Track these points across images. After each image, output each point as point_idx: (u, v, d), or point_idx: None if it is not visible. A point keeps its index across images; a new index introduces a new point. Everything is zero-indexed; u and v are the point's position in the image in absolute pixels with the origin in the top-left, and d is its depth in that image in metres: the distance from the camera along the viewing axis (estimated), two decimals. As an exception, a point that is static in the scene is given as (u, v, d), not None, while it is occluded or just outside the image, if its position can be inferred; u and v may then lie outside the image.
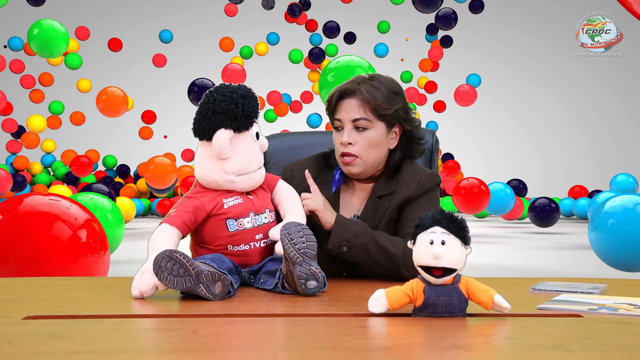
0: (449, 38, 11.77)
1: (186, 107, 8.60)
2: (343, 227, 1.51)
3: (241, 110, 1.41)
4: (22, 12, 9.62)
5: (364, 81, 1.65)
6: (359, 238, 1.50)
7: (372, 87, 1.62)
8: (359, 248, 1.50)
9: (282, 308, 1.20)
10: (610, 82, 13.71)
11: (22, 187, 10.14)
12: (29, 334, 0.95)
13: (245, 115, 1.42)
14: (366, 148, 1.61)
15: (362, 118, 1.61)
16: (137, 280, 1.27)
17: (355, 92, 1.62)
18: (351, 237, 1.50)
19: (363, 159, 1.62)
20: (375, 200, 1.65)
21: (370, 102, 1.61)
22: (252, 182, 1.47)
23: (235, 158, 1.42)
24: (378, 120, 1.62)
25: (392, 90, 1.65)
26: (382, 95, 1.62)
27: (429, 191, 1.65)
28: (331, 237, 1.50)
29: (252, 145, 1.44)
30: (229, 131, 1.41)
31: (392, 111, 1.63)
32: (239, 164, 1.43)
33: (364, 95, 1.61)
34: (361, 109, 1.61)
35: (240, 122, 1.41)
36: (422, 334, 0.98)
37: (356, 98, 1.62)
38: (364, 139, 1.61)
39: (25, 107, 11.50)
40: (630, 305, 1.14)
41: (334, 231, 1.50)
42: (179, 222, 1.39)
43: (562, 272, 4.87)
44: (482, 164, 12.67)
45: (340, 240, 1.50)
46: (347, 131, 1.62)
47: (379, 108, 1.61)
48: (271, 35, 12.14)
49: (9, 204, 2.94)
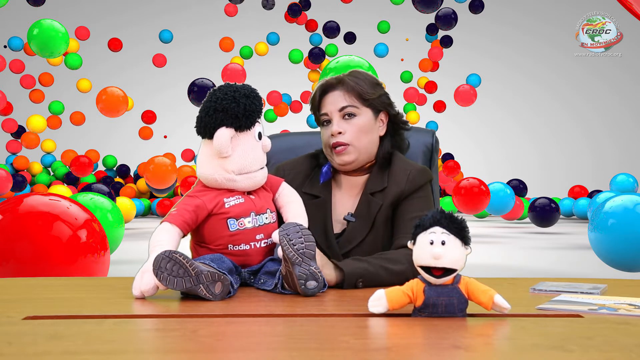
0: (449, 38, 11.78)
1: (186, 107, 8.62)
2: (353, 269, 1.43)
3: (243, 109, 1.41)
4: (22, 12, 9.63)
5: (344, 76, 1.69)
6: (369, 271, 1.44)
7: (354, 77, 1.67)
8: (372, 277, 1.43)
9: (282, 308, 1.20)
10: (610, 82, 13.71)
11: (22, 187, 10.14)
12: (29, 334, 0.95)
13: (247, 115, 1.41)
14: (357, 134, 1.63)
15: (348, 105, 1.64)
16: (138, 280, 1.27)
17: (338, 84, 1.66)
18: (364, 272, 1.43)
19: (355, 145, 1.63)
20: (368, 197, 1.64)
21: (355, 89, 1.64)
22: (253, 182, 1.46)
23: (236, 157, 1.42)
24: (364, 107, 1.65)
25: (373, 81, 1.70)
26: (365, 83, 1.67)
27: (420, 188, 1.64)
28: (346, 281, 1.41)
29: (253, 144, 1.44)
30: (230, 130, 1.41)
31: (377, 96, 1.66)
32: (239, 163, 1.43)
33: (347, 85, 1.65)
34: (347, 97, 1.64)
35: (242, 121, 1.41)
36: (422, 334, 0.98)
37: (340, 89, 1.66)
38: (353, 125, 1.63)
39: (25, 107, 11.51)
40: (631, 306, 1.14)
41: (347, 275, 1.41)
42: (180, 221, 1.39)
43: (562, 272, 4.87)
44: (482, 164, 12.68)
45: (355, 281, 1.42)
46: (336, 121, 1.64)
47: (363, 93, 1.64)
48: (271, 35, 12.14)
49: (9, 204, 2.94)
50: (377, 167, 1.68)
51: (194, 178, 9.68)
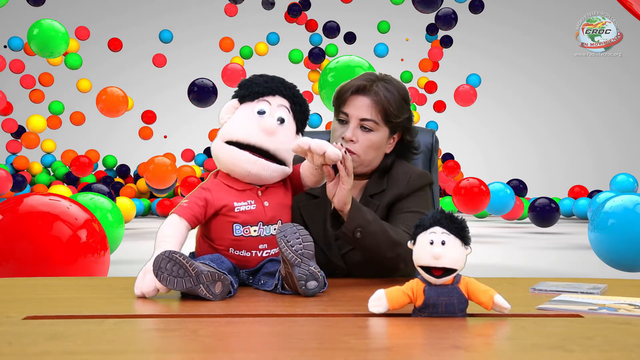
0: (449, 38, 11.77)
1: (186, 107, 8.62)
2: (358, 212, 1.44)
3: (252, 83, 1.45)
4: (22, 12, 9.63)
5: (378, 80, 1.64)
6: (372, 225, 1.44)
7: (387, 90, 1.62)
8: (370, 235, 1.44)
9: (282, 308, 1.20)
10: (610, 82, 13.71)
11: (22, 187, 10.13)
12: (29, 334, 0.95)
13: (251, 87, 1.44)
14: (366, 148, 1.61)
15: (371, 120, 1.60)
16: (140, 280, 1.28)
17: (370, 91, 1.61)
18: (365, 223, 1.44)
19: (361, 157, 1.62)
20: (366, 198, 1.64)
21: (384, 106, 1.60)
22: (269, 172, 1.40)
23: (229, 122, 1.44)
24: (384, 125, 1.62)
25: (403, 96, 1.65)
26: (395, 101, 1.62)
27: (419, 190, 1.64)
28: (347, 221, 1.43)
29: (249, 115, 1.43)
30: (234, 100, 1.46)
31: (400, 119, 1.63)
32: (226, 128, 1.43)
33: (378, 97, 1.60)
34: (372, 110, 1.60)
35: (244, 91, 1.44)
36: (422, 334, 0.98)
37: (370, 98, 1.61)
38: (366, 139, 1.61)
39: (25, 107, 11.51)
40: (631, 306, 1.14)
41: (350, 216, 1.43)
42: (189, 214, 1.38)
43: (562, 272, 4.87)
44: (482, 164, 12.68)
45: (355, 226, 1.43)
46: (352, 128, 1.61)
47: (390, 114, 1.61)
48: (271, 35, 12.14)
49: (9, 204, 2.94)
50: (377, 173, 1.68)
51: (194, 178, 9.67)
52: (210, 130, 11.95)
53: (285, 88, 1.45)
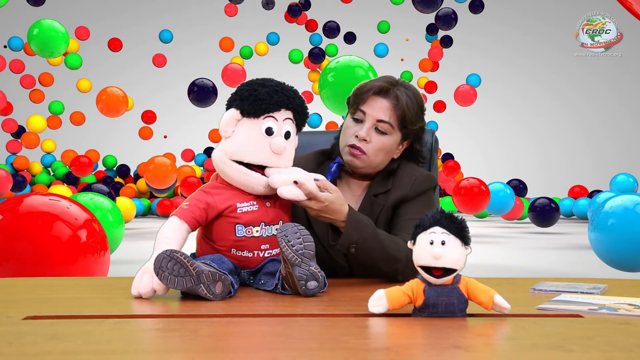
0: (449, 38, 11.78)
1: (186, 107, 8.63)
2: (356, 227, 1.44)
3: (254, 96, 1.40)
4: (22, 12, 9.63)
5: (398, 84, 1.64)
6: (368, 241, 1.45)
7: (407, 96, 1.61)
8: (366, 252, 1.46)
9: (282, 308, 1.20)
10: (610, 82, 13.71)
11: (22, 187, 10.14)
12: (29, 334, 0.95)
13: (255, 102, 1.39)
14: (377, 150, 1.61)
15: (387, 122, 1.60)
16: (137, 280, 1.27)
17: (391, 94, 1.61)
18: (361, 240, 1.44)
19: (370, 158, 1.61)
20: (371, 198, 1.65)
21: (404, 112, 1.60)
22: (266, 183, 1.40)
23: (233, 137, 1.40)
24: (398, 130, 1.62)
25: (420, 104, 1.65)
26: (414, 108, 1.62)
27: (424, 193, 1.64)
28: (342, 237, 1.44)
29: (257, 135, 1.40)
30: (235, 111, 1.40)
31: (415, 127, 1.63)
32: (233, 146, 1.40)
33: (398, 102, 1.60)
34: (392, 113, 1.60)
35: (246, 105, 1.40)
36: (422, 334, 0.98)
37: (390, 101, 1.61)
38: (379, 141, 1.61)
39: (25, 107, 11.51)
40: (631, 306, 1.14)
41: (346, 231, 1.43)
42: (189, 217, 1.38)
43: (562, 272, 4.87)
44: (482, 164, 12.68)
45: (350, 243, 1.44)
46: (367, 128, 1.60)
47: (407, 121, 1.61)
48: (271, 35, 12.14)
49: (9, 204, 2.94)
50: (383, 174, 1.68)
51: (194, 178, 9.67)
52: (210, 130, 11.96)
53: (289, 101, 1.43)
